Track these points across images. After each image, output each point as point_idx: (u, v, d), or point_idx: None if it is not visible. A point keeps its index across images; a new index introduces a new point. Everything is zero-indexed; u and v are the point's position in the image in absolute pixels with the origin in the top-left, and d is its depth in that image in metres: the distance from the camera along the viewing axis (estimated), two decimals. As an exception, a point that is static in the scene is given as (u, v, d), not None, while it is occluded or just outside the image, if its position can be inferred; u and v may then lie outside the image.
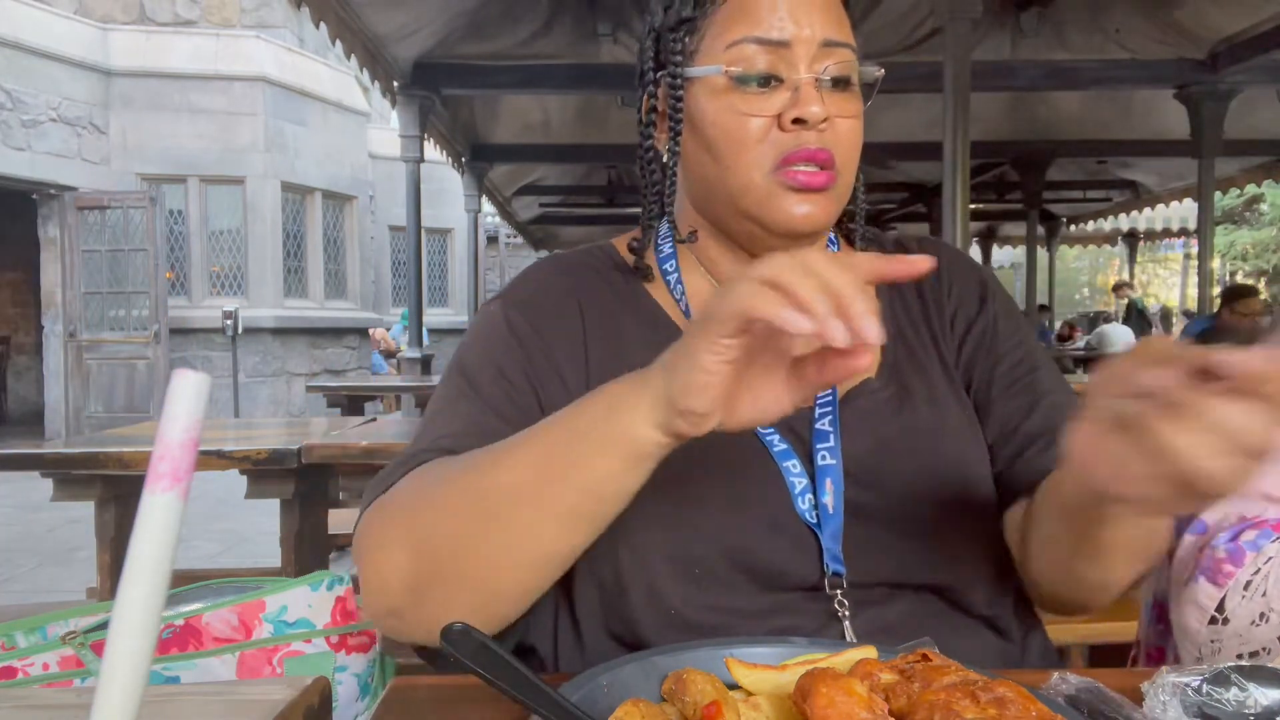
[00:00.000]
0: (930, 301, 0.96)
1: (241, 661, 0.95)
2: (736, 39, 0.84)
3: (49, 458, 2.55)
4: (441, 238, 16.05)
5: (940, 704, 0.50)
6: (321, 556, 2.94)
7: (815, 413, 0.86)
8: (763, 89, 0.84)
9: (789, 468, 0.82)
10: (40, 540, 5.60)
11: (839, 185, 0.85)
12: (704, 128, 0.87)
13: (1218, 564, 0.78)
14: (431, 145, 6.75)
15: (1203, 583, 0.78)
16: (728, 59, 0.84)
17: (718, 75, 0.85)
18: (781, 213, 0.84)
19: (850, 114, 0.85)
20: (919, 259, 0.63)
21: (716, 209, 0.89)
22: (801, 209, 0.83)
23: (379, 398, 9.88)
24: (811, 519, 0.80)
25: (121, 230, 9.81)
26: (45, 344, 10.14)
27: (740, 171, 0.84)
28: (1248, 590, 0.76)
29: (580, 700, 0.55)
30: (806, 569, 0.80)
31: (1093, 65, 5.90)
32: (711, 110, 0.86)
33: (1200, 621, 0.78)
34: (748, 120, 0.83)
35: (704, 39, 0.87)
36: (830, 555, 0.79)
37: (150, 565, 0.37)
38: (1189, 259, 20.03)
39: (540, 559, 0.71)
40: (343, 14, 4.59)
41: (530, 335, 0.87)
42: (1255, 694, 0.57)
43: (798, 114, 0.81)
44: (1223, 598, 0.77)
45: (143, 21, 10.99)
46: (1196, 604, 0.78)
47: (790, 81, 0.83)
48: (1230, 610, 0.77)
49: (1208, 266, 6.61)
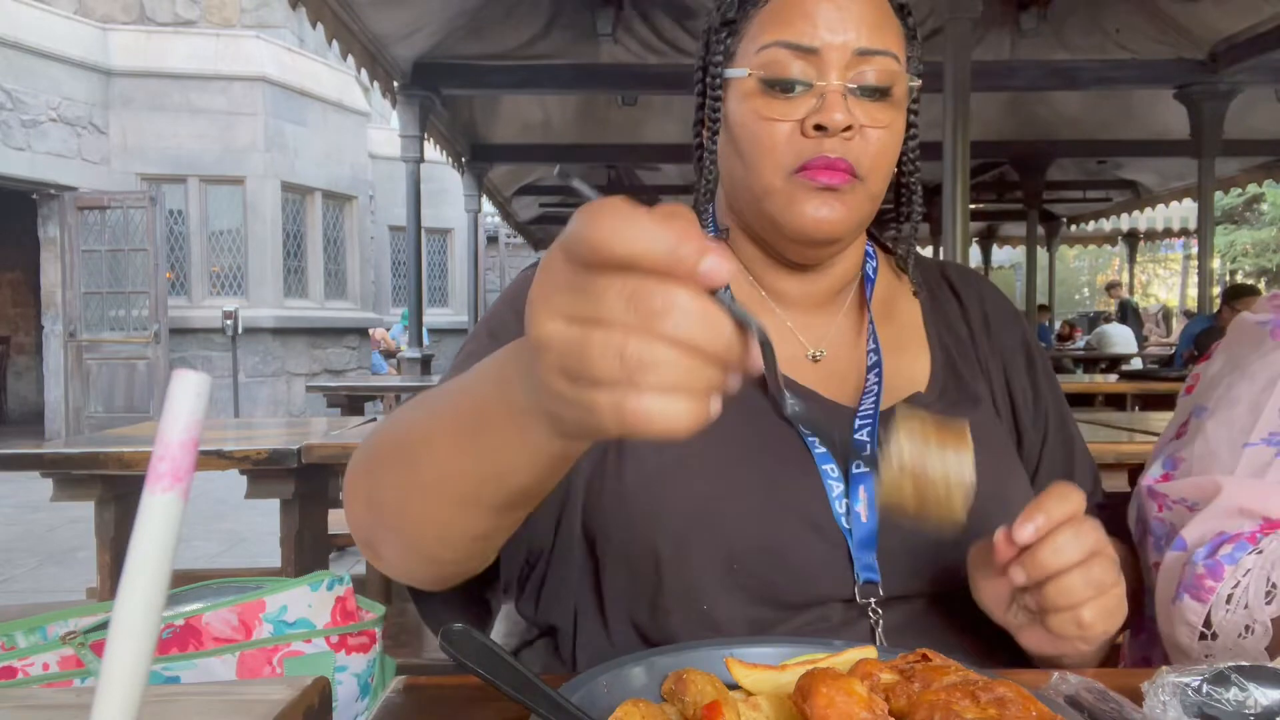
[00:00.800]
0: (979, 338, 0.98)
1: (241, 661, 0.95)
2: (768, 43, 0.84)
3: (49, 458, 2.55)
4: (441, 238, 16.05)
5: (940, 704, 0.50)
6: (321, 556, 2.94)
7: (855, 423, 0.85)
8: (789, 94, 0.84)
9: (827, 470, 0.82)
10: (40, 540, 5.60)
11: (860, 193, 0.84)
12: (733, 129, 0.88)
13: (1199, 580, 0.77)
14: (431, 145, 6.75)
15: (1187, 600, 0.78)
16: (758, 62, 0.84)
17: (747, 78, 0.85)
18: (798, 216, 0.84)
19: (882, 123, 0.84)
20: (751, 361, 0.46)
21: (744, 210, 0.90)
22: (818, 211, 0.83)
23: (379, 398, 9.85)
24: (845, 525, 0.80)
25: (121, 230, 9.81)
26: (45, 344, 10.14)
27: (762, 175, 0.85)
28: (1230, 604, 0.76)
29: (580, 700, 0.55)
30: (839, 574, 0.79)
31: (1093, 65, 5.91)
32: (739, 112, 0.86)
33: (1191, 639, 0.78)
34: (771, 125, 0.84)
35: (741, 41, 0.87)
36: (861, 564, 0.79)
37: (150, 565, 0.37)
38: (1189, 259, 20.04)
39: (460, 538, 0.63)
40: (342, 14, 4.59)
41: None
42: (1255, 694, 0.57)
43: (818, 120, 0.81)
44: (1208, 613, 0.77)
45: (143, 21, 10.98)
46: (1185, 622, 0.78)
47: (818, 88, 0.83)
48: (1217, 625, 0.76)
49: (1208, 266, 6.61)
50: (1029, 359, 0.98)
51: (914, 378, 0.93)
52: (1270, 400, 0.82)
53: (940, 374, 0.93)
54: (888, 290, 0.99)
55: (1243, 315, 0.94)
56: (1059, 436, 0.97)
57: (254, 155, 10.62)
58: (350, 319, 12.15)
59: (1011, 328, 1.00)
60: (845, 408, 0.88)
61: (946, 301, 1.01)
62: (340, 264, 12.26)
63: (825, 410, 0.88)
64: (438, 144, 7.12)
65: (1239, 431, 0.83)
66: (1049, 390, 0.98)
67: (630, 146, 8.07)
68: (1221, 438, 0.84)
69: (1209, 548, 0.78)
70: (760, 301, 0.95)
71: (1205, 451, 0.85)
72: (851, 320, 0.96)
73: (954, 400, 0.90)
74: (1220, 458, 0.83)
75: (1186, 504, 0.84)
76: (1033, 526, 0.67)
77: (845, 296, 0.97)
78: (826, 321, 0.95)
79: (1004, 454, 0.90)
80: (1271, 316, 0.88)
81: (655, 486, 0.80)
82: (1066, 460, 0.97)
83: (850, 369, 0.93)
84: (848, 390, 0.91)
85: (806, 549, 0.79)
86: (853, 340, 0.95)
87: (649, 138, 7.87)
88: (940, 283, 1.03)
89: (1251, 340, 0.88)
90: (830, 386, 0.90)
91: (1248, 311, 0.95)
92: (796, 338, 0.94)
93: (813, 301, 0.95)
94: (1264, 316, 0.89)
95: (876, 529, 0.80)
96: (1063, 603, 0.67)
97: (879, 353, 0.92)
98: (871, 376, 0.90)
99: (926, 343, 0.96)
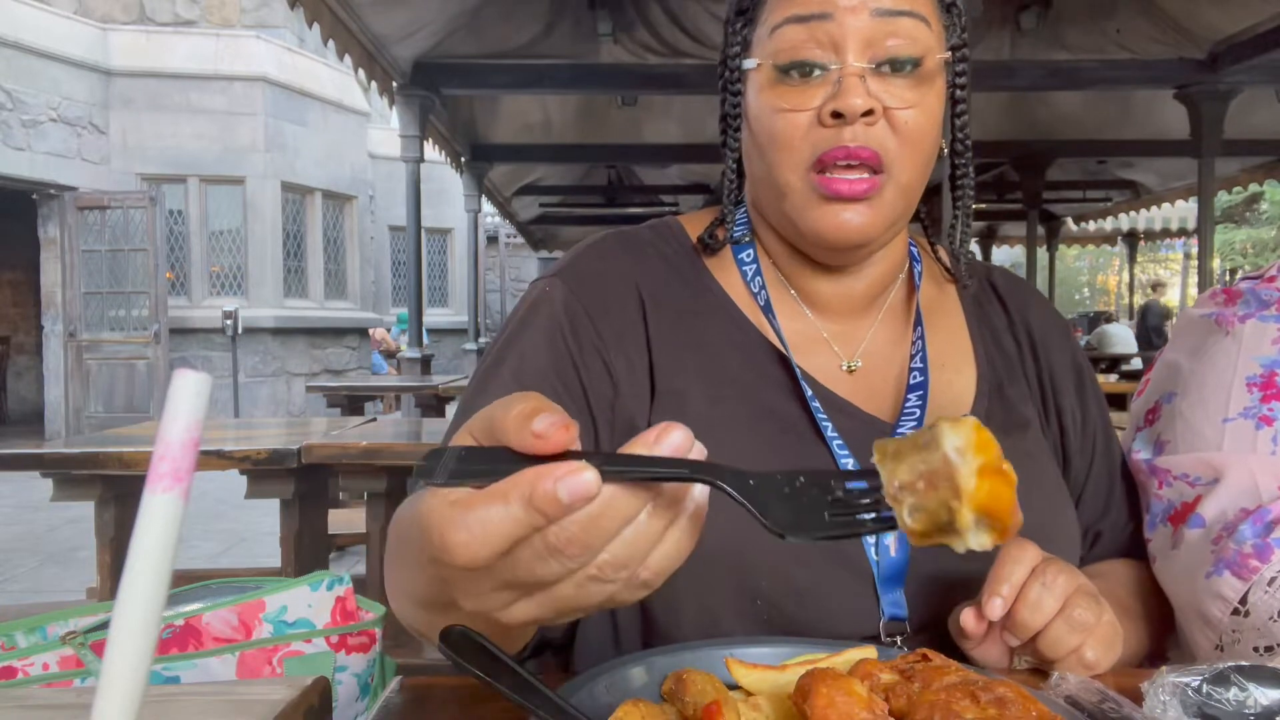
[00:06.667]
0: (1026, 355, 0.91)
1: (241, 661, 0.95)
2: (779, 22, 0.77)
3: (49, 458, 2.55)
4: (441, 238, 16.04)
5: (940, 704, 0.50)
6: (321, 556, 2.94)
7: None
8: (805, 79, 0.76)
9: None
10: (40, 540, 5.60)
11: (889, 190, 0.77)
12: (751, 123, 0.81)
13: (1243, 559, 0.78)
14: (431, 145, 6.75)
15: (1227, 576, 0.79)
16: (771, 48, 0.77)
17: (759, 67, 0.78)
18: (817, 222, 0.77)
19: (909, 103, 0.75)
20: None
21: (767, 209, 0.85)
22: (838, 219, 0.76)
23: (379, 398, 9.88)
24: (874, 556, 0.75)
25: (121, 230, 9.80)
26: (45, 344, 10.13)
27: (781, 172, 0.78)
28: (1271, 586, 0.77)
29: (580, 700, 0.55)
30: (864, 612, 0.74)
31: (1093, 65, 5.90)
32: (755, 105, 0.79)
33: (1224, 612, 0.79)
34: (787, 116, 0.76)
35: (756, 28, 0.80)
36: (888, 600, 0.74)
37: (151, 565, 0.37)
38: (1189, 259, 20.04)
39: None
40: (340, 14, 4.59)
41: (584, 321, 0.81)
42: (1255, 694, 0.57)
43: (835, 107, 0.74)
44: (1246, 591, 0.77)
45: (143, 21, 10.98)
46: (1220, 596, 0.79)
47: (834, 71, 0.75)
48: (1252, 604, 0.77)
49: (1208, 266, 6.60)
50: (1079, 379, 0.92)
51: (957, 398, 0.86)
52: (1235, 380, 0.85)
53: (986, 394, 0.86)
54: (931, 296, 0.92)
55: (1188, 310, 0.98)
56: (1104, 463, 0.92)
57: (254, 155, 10.62)
58: (350, 319, 12.14)
59: (1061, 345, 0.93)
60: (882, 423, 0.82)
61: (994, 312, 0.94)
62: (340, 264, 12.25)
63: (861, 424, 0.81)
64: (437, 144, 7.11)
65: (1215, 409, 0.86)
66: (1098, 413, 0.92)
67: (630, 146, 8.07)
68: (1200, 416, 0.87)
69: (1260, 527, 0.79)
70: (792, 306, 0.88)
71: (1187, 430, 0.87)
72: (891, 328, 0.89)
73: (1001, 425, 0.83)
74: (1204, 434, 0.86)
75: (1189, 480, 0.86)
76: (1000, 600, 0.65)
77: (884, 301, 0.89)
78: (864, 329, 0.88)
79: (1051, 484, 0.84)
80: (1214, 310, 0.93)
81: None
82: (1109, 488, 0.92)
83: (889, 381, 0.86)
84: (886, 405, 0.84)
85: (832, 585, 0.74)
86: (891, 350, 0.88)
87: (649, 138, 7.87)
88: (987, 290, 0.96)
89: (1201, 331, 0.92)
90: (868, 399, 0.84)
91: (1190, 307, 1.00)
92: (831, 347, 0.87)
93: (849, 306, 0.88)
94: (1208, 310, 0.93)
95: (906, 562, 0.75)
96: (1060, 652, 0.66)
97: (925, 372, 0.84)
98: (913, 398, 0.82)
99: (972, 356, 0.89)
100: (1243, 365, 0.86)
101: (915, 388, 0.83)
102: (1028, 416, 0.87)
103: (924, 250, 0.95)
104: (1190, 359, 0.92)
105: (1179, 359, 0.93)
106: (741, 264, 0.88)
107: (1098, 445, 0.91)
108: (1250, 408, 0.84)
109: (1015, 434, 0.84)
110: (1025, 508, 0.71)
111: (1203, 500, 0.84)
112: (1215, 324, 0.91)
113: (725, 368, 0.82)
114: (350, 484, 2.79)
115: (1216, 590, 0.80)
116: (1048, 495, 0.83)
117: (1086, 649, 0.66)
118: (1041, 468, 0.84)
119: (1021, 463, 0.78)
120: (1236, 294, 0.92)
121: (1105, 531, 0.91)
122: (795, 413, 0.81)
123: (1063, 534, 0.82)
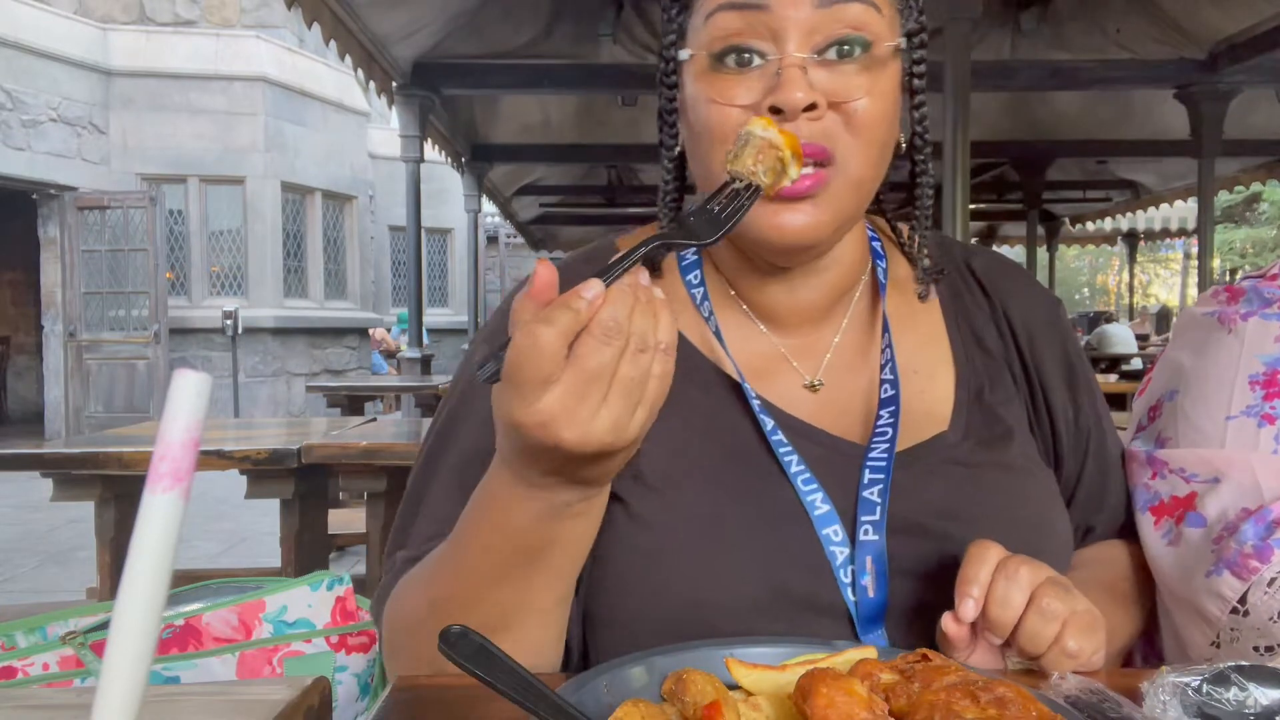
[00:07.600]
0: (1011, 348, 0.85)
1: (241, 661, 0.95)
2: (713, 9, 0.70)
3: (49, 458, 2.55)
4: (441, 238, 16.05)
5: (940, 704, 0.50)
6: (321, 556, 2.94)
7: (864, 477, 0.73)
8: (742, 69, 0.70)
9: (829, 535, 0.71)
10: (40, 540, 5.60)
11: (838, 184, 0.70)
12: (687, 118, 0.74)
13: (1243, 559, 0.78)
14: (431, 145, 6.75)
15: (1227, 575, 0.79)
16: (706, 36, 0.71)
17: (695, 56, 0.72)
18: (758, 226, 0.71)
19: (857, 94, 0.69)
20: None
21: None
22: (779, 220, 0.70)
23: (379, 398, 9.87)
24: (850, 597, 0.71)
25: (121, 230, 9.80)
26: (45, 344, 10.14)
27: (715, 169, 0.70)
28: (1270, 587, 0.77)
29: (580, 700, 0.55)
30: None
31: (1093, 65, 5.90)
32: (690, 98, 0.73)
33: (1222, 610, 0.79)
34: (722, 110, 0.70)
35: (691, 15, 0.74)
36: (871, 639, 0.71)
37: (151, 565, 0.37)
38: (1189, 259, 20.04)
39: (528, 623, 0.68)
40: (340, 14, 4.59)
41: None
42: (1255, 694, 0.57)
43: (773, 101, 0.68)
44: (1246, 591, 0.78)
45: (143, 21, 10.99)
46: (1219, 595, 0.79)
47: (773, 61, 0.69)
48: (1251, 604, 0.77)
49: (1208, 266, 6.60)
50: (1069, 373, 0.86)
51: (934, 407, 0.80)
52: (1237, 378, 0.85)
53: (965, 404, 0.80)
54: (899, 295, 0.85)
55: (1189, 309, 0.98)
56: (1097, 460, 0.88)
57: (254, 155, 10.62)
58: (350, 319, 12.15)
59: (1051, 335, 0.86)
60: (852, 445, 0.76)
61: (974, 302, 0.86)
62: (340, 264, 12.26)
63: (829, 450, 0.76)
64: (437, 144, 7.11)
65: (1217, 406, 0.86)
66: (1090, 407, 0.87)
67: (630, 146, 8.05)
68: (1202, 413, 0.87)
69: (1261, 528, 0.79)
70: (745, 324, 0.81)
71: (1189, 428, 0.88)
72: (856, 338, 0.82)
73: (982, 439, 0.78)
74: (1206, 431, 0.86)
75: (1184, 475, 0.86)
76: (971, 601, 0.64)
77: (845, 307, 0.83)
78: (825, 341, 0.82)
79: (1036, 496, 0.80)
80: (1217, 308, 0.93)
81: (652, 570, 0.71)
82: (1102, 485, 0.89)
83: (856, 397, 0.80)
84: (855, 424, 0.78)
85: (808, 633, 0.70)
86: (858, 361, 0.81)
87: (649, 138, 7.69)
88: (965, 277, 0.87)
89: (1203, 329, 0.92)
90: (835, 420, 0.78)
91: (1192, 305, 1.00)
92: (791, 364, 0.80)
93: (806, 317, 0.81)
94: (1210, 308, 0.94)
95: (885, 602, 0.71)
96: (1039, 646, 0.65)
97: (896, 385, 0.78)
98: (885, 414, 0.76)
99: (950, 359, 0.83)
100: (1245, 363, 0.86)
101: (886, 402, 0.77)
102: (1010, 424, 0.81)
103: (889, 244, 0.88)
104: (1193, 357, 0.92)
105: (1181, 357, 0.93)
106: (689, 286, 0.82)
107: (1091, 442, 0.87)
108: (1252, 406, 0.84)
109: (997, 447, 0.79)
110: (1009, 527, 0.73)
111: (1202, 499, 0.84)
112: (1218, 322, 0.91)
113: (678, 410, 0.71)
114: (350, 484, 2.79)
115: (1216, 589, 0.80)
116: (1033, 508, 0.79)
117: (1067, 638, 0.64)
118: (1024, 481, 0.79)
119: (1001, 479, 0.77)
120: (1239, 292, 0.92)
121: (1098, 526, 0.91)
122: (757, 449, 0.75)
123: (1050, 545, 0.78)
